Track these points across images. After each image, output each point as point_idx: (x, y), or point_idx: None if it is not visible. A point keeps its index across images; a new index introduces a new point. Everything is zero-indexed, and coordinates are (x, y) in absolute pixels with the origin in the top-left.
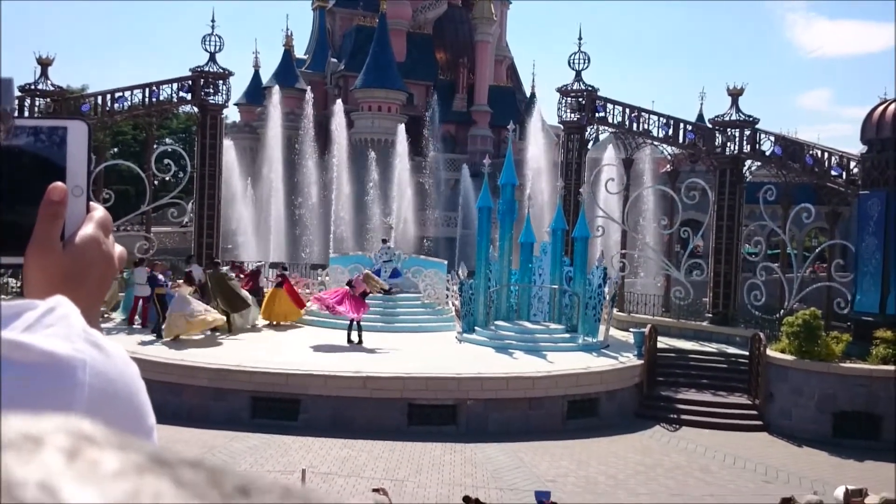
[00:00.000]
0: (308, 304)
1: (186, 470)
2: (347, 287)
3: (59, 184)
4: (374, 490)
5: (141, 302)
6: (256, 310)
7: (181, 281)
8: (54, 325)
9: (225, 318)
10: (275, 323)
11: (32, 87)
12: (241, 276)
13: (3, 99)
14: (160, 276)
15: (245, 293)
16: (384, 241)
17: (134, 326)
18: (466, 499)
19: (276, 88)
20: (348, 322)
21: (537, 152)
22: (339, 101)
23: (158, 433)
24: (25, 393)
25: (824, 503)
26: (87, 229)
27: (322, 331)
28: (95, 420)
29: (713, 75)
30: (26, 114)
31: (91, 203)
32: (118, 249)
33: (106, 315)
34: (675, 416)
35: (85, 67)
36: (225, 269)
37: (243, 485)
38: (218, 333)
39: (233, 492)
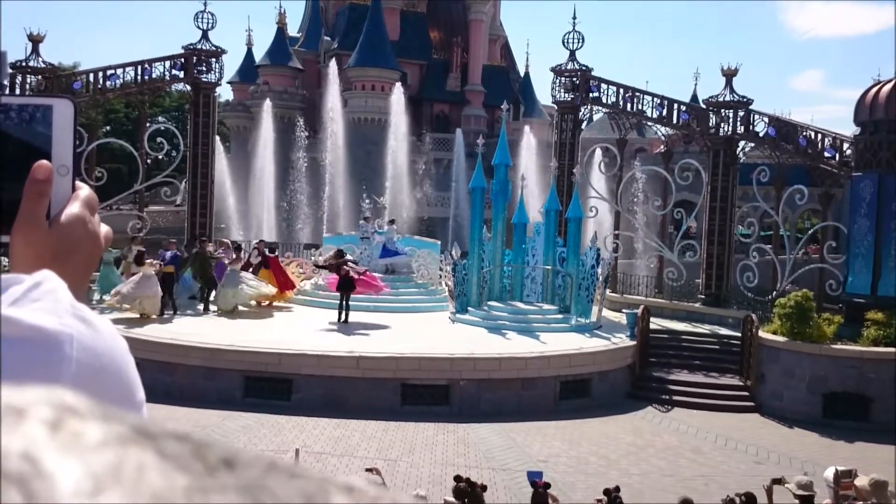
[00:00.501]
0: (301, 284)
1: (170, 442)
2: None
3: (45, 162)
4: (367, 470)
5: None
6: (257, 286)
7: (234, 256)
8: (41, 300)
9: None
10: (262, 304)
11: (23, 64)
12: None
13: None
14: (168, 253)
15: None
16: (365, 219)
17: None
18: (458, 478)
19: (271, 66)
20: (339, 301)
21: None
22: (332, 80)
23: (150, 412)
24: (12, 367)
25: (814, 484)
26: (73, 208)
27: (314, 310)
28: (84, 394)
29: (708, 56)
30: (17, 91)
31: (77, 182)
32: (104, 229)
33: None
34: (667, 397)
35: (77, 44)
36: (211, 247)
37: (228, 457)
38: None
39: (217, 464)
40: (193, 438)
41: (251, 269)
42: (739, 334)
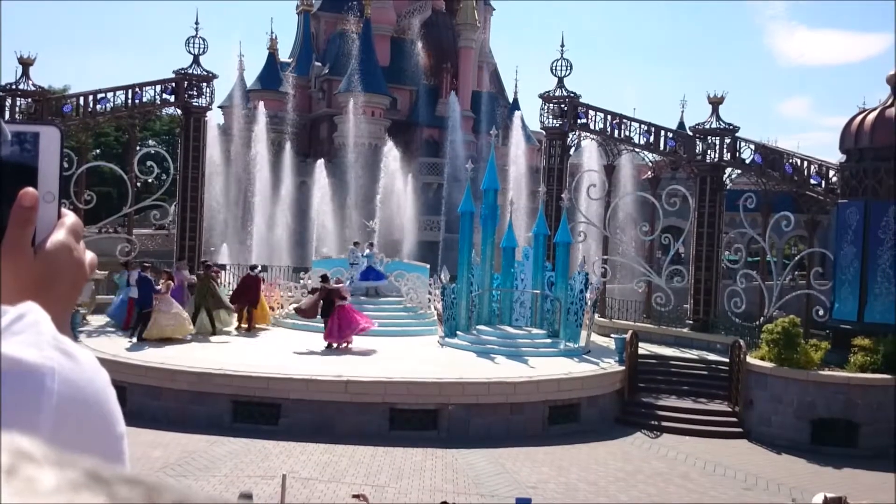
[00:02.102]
0: (289, 308)
1: (122, 487)
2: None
3: (31, 189)
4: (355, 496)
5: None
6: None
7: (163, 281)
8: (23, 332)
9: (192, 326)
10: (245, 327)
11: (13, 87)
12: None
13: None
14: (134, 273)
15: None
16: (355, 244)
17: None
18: None
19: (261, 92)
20: (324, 325)
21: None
22: (323, 105)
23: (137, 437)
24: None
25: None
26: (59, 235)
27: (302, 334)
28: (63, 428)
29: (694, 83)
30: (7, 114)
31: (62, 209)
32: (89, 256)
33: (84, 318)
34: (656, 423)
35: (67, 67)
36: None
37: (179, 501)
38: (195, 336)
39: None
40: (146, 482)
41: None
42: (727, 360)
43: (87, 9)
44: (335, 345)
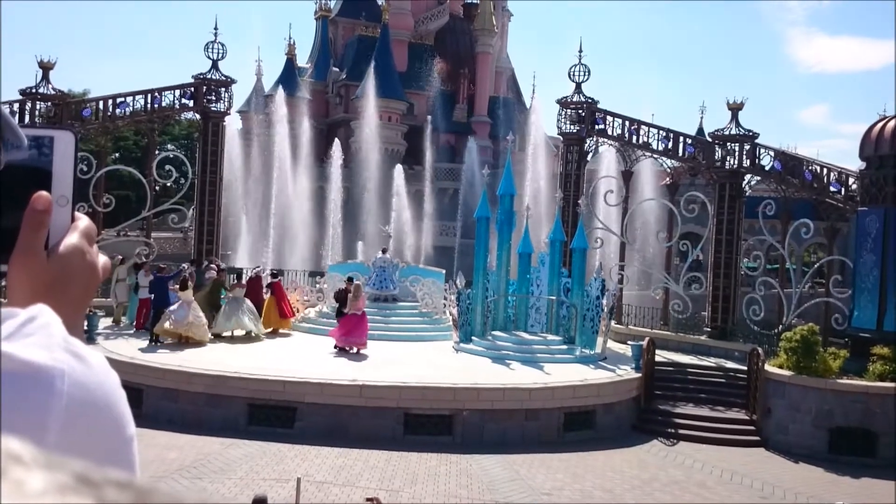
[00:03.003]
0: (306, 312)
1: (111, 490)
2: (338, 300)
3: (44, 193)
4: (368, 500)
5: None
6: (255, 322)
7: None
8: (34, 335)
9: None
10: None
11: (34, 90)
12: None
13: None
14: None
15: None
16: (383, 251)
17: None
18: None
19: (280, 96)
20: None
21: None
22: (340, 110)
23: (155, 439)
24: (4, 402)
25: None
26: (72, 238)
27: (318, 338)
28: (72, 429)
29: (714, 89)
30: (27, 118)
31: (76, 213)
32: (102, 259)
33: (117, 321)
34: (673, 431)
35: (87, 71)
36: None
37: None
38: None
39: None
40: (136, 486)
41: (264, 292)
42: (745, 368)
43: (107, 14)
44: (347, 348)
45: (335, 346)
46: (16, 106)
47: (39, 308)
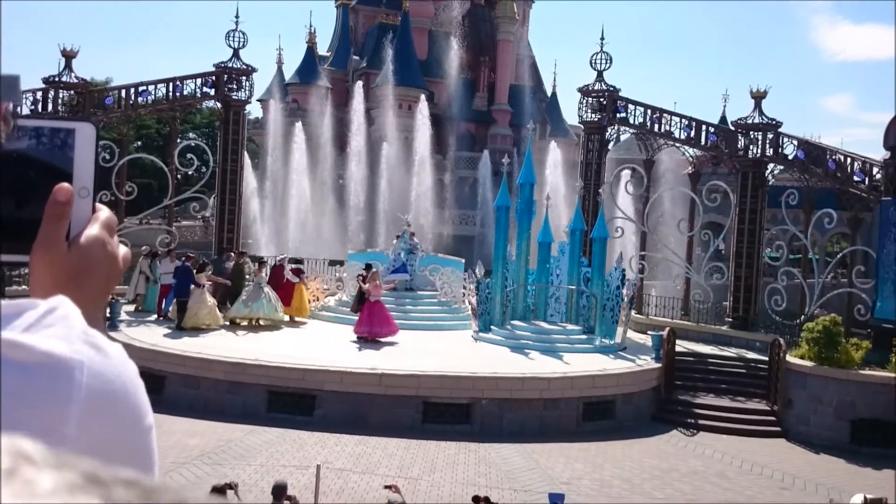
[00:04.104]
0: (326, 300)
1: (119, 488)
2: (363, 286)
3: (65, 185)
4: (387, 487)
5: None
6: (276, 306)
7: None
8: (54, 326)
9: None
10: (290, 318)
11: (56, 79)
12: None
13: (6, 96)
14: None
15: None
16: (412, 234)
17: (159, 318)
18: (476, 498)
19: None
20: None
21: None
22: (360, 98)
23: (175, 426)
24: (24, 393)
25: None
26: (92, 230)
27: (338, 326)
28: (92, 420)
29: (737, 77)
30: (50, 106)
31: (97, 204)
32: (122, 250)
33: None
34: (693, 421)
35: (109, 60)
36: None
37: (177, 503)
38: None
39: None
40: (144, 484)
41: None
42: (767, 358)
43: (130, 2)
44: (364, 336)
45: (356, 336)
46: (39, 94)
47: (59, 299)
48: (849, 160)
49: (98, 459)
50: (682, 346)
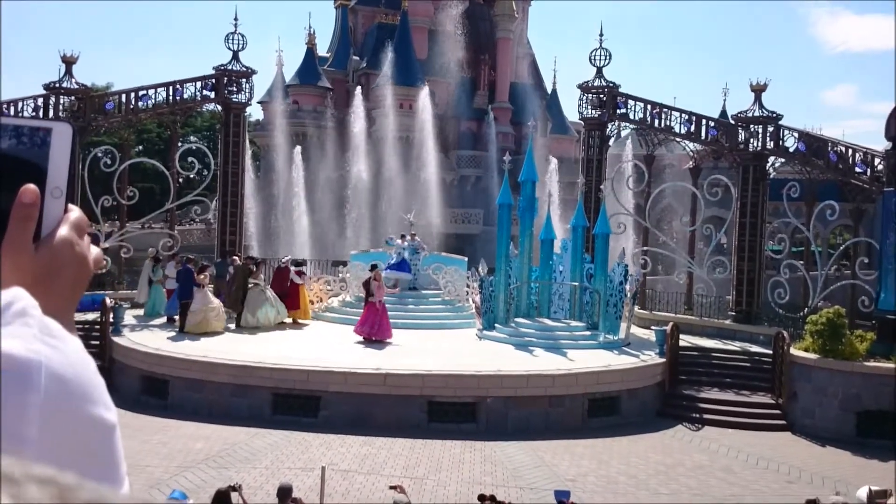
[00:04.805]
0: (329, 301)
1: (33, 486)
2: (365, 289)
3: (31, 186)
4: (392, 487)
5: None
6: (278, 308)
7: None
8: (11, 324)
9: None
10: (293, 321)
11: (57, 85)
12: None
13: None
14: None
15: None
16: (402, 237)
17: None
18: (482, 497)
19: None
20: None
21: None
22: (361, 98)
23: (181, 430)
24: None
25: None
26: (61, 231)
27: (341, 327)
28: (51, 423)
29: (737, 71)
30: (51, 112)
31: (69, 205)
32: (94, 251)
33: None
34: (698, 416)
35: (109, 65)
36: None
37: (95, 502)
38: (231, 327)
39: None
40: (60, 482)
41: (288, 285)
42: (770, 351)
43: (128, 7)
44: (366, 337)
45: (357, 334)
46: (40, 101)
47: (14, 293)
48: (850, 151)
49: (59, 461)
50: (685, 340)
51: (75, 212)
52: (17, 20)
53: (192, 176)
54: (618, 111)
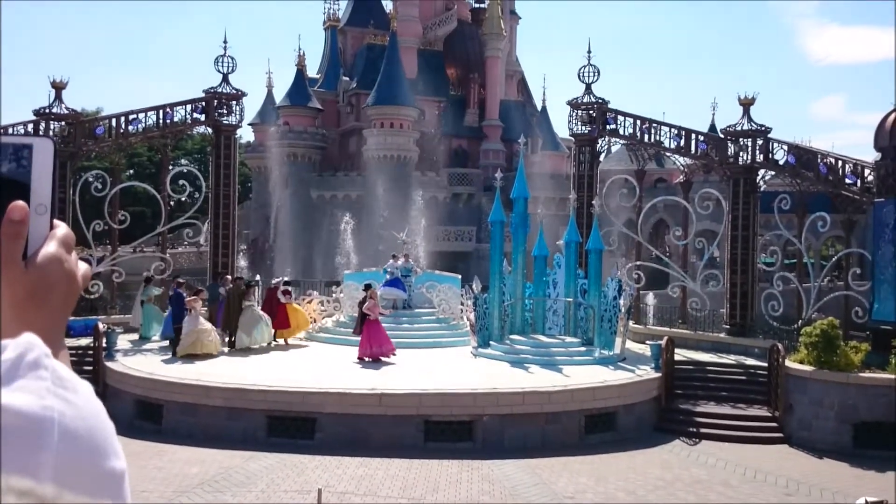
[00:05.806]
0: (323, 321)
1: (11, 496)
2: (360, 308)
3: (20, 203)
4: None
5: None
6: (268, 329)
7: (190, 299)
8: (24, 378)
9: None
10: (283, 341)
11: (47, 110)
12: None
13: None
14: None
15: (260, 313)
16: (394, 257)
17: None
18: None
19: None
20: (360, 339)
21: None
22: (351, 119)
23: (176, 454)
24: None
25: None
26: (50, 247)
27: (335, 348)
28: (64, 476)
29: (725, 86)
30: None
31: (55, 221)
32: (83, 267)
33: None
34: (695, 430)
35: (99, 89)
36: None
37: None
38: (225, 350)
39: None
40: (38, 493)
41: (275, 307)
42: (766, 364)
43: (117, 32)
44: (366, 359)
45: (359, 358)
46: (31, 126)
47: (28, 341)
48: (840, 163)
49: None
50: (681, 354)
51: (62, 228)
52: (7, 46)
53: (183, 199)
54: (608, 127)
